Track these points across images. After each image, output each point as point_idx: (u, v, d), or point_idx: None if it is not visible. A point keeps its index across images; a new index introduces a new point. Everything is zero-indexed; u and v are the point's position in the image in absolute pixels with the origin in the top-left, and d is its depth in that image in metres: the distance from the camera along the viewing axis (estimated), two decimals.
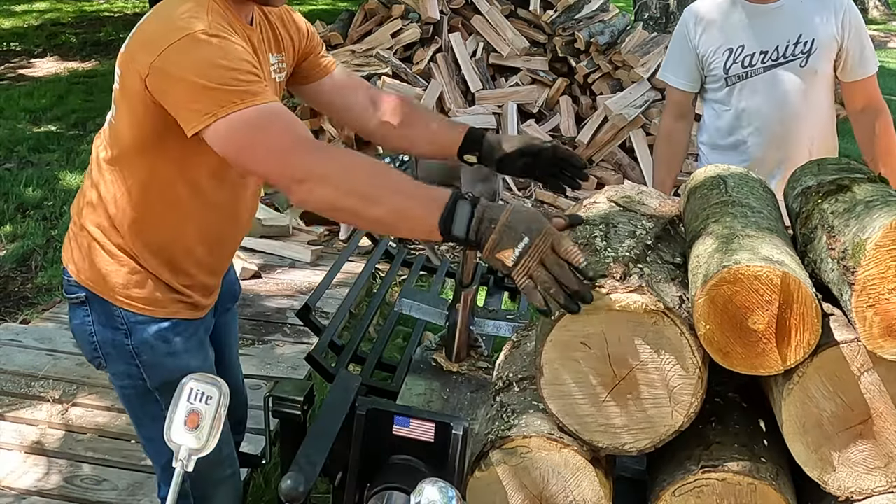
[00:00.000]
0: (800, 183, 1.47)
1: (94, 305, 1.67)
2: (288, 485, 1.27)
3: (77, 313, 1.71)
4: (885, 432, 1.16)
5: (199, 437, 1.16)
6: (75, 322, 1.72)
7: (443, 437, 1.34)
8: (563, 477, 1.25)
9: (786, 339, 1.14)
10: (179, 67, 1.40)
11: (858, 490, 1.18)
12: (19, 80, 8.84)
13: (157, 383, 1.68)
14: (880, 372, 1.14)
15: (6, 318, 3.89)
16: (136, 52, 1.49)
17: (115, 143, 1.59)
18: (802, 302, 1.13)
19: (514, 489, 1.27)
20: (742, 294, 1.14)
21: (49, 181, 5.63)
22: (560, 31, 5.53)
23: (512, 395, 1.40)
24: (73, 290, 1.69)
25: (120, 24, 12.15)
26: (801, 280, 1.13)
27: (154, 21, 1.51)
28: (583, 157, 1.74)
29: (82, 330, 1.70)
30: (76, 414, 2.94)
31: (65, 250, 1.74)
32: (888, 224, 1.09)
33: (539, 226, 1.25)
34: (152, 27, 1.50)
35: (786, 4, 2.41)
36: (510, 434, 1.28)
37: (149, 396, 1.69)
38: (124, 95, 1.53)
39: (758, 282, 1.13)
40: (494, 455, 1.27)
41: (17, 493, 2.57)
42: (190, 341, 1.71)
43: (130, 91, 1.50)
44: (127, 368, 1.68)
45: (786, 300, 1.13)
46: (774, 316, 1.14)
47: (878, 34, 14.34)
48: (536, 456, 1.25)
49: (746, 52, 2.44)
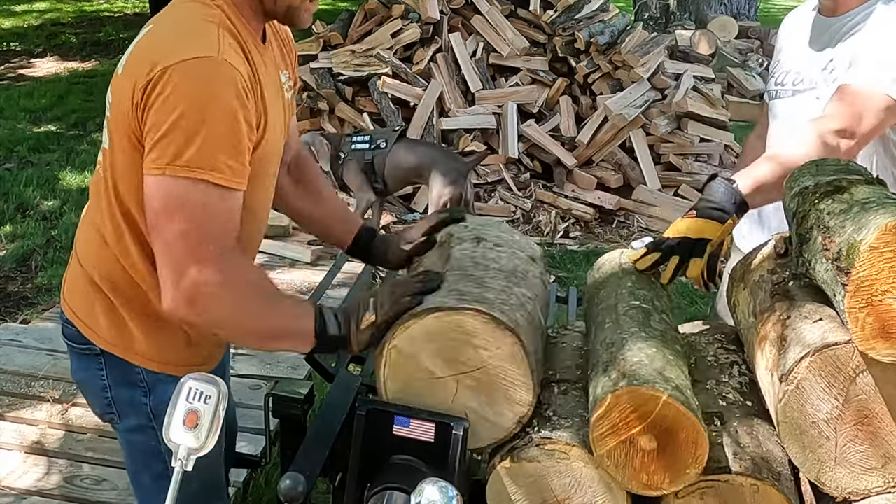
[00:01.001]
0: (797, 183, 1.47)
1: (108, 359, 1.52)
2: (288, 485, 1.28)
3: (86, 364, 1.55)
4: (882, 433, 1.16)
5: (198, 437, 1.16)
6: (84, 374, 1.57)
7: (443, 437, 1.33)
8: (594, 491, 1.25)
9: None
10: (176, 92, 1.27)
11: (856, 491, 1.19)
12: (19, 80, 8.84)
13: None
14: (875, 373, 1.15)
15: (6, 318, 3.89)
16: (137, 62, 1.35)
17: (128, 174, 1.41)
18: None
19: (539, 489, 1.27)
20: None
21: (49, 181, 5.63)
22: (560, 31, 5.53)
23: (552, 395, 1.39)
24: (83, 342, 1.53)
25: (120, 24, 12.15)
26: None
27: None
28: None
29: (94, 384, 1.55)
30: (76, 414, 2.94)
31: (69, 296, 1.57)
32: (883, 226, 1.09)
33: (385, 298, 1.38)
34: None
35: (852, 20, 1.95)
36: (553, 436, 1.28)
37: (157, 456, 1.55)
38: (117, 124, 1.39)
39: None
40: (531, 451, 1.27)
41: (17, 493, 2.58)
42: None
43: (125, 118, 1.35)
44: (140, 426, 1.55)
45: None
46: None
47: None
48: (573, 465, 1.25)
49: (783, 68, 2.11)
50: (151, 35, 1.40)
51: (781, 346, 1.24)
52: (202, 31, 1.33)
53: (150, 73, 1.29)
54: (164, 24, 1.41)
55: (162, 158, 1.28)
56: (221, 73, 1.29)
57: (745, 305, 1.47)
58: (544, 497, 1.26)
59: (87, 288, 1.52)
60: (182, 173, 1.27)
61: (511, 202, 5.17)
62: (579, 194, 5.26)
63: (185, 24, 1.36)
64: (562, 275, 4.43)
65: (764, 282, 1.44)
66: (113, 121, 1.40)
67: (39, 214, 5.13)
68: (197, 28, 1.34)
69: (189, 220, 1.29)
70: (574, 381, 1.43)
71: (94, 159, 5.60)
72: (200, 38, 1.31)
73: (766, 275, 1.45)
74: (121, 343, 1.51)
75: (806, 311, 1.26)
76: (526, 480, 1.26)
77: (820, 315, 1.24)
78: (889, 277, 1.09)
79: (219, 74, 1.29)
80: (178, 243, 1.29)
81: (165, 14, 1.42)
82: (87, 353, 1.54)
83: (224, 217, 1.32)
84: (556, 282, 4.19)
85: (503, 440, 1.33)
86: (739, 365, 1.47)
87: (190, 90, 1.27)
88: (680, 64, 5.93)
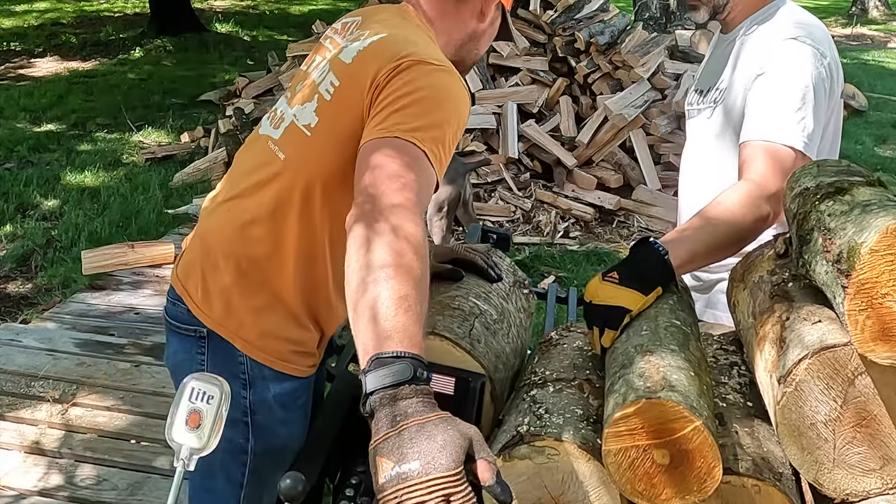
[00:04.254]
0: (798, 184, 1.47)
1: (213, 344, 1.51)
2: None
3: (186, 345, 1.54)
4: (881, 435, 1.16)
5: (201, 437, 1.17)
6: (181, 356, 1.55)
7: (462, 390, 1.43)
8: (586, 487, 1.25)
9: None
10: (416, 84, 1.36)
11: (854, 492, 1.19)
12: (19, 80, 8.85)
13: (259, 448, 1.53)
14: (874, 375, 1.15)
15: (6, 318, 3.90)
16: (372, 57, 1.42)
17: (307, 165, 1.45)
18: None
19: (534, 486, 1.27)
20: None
21: (49, 181, 5.64)
22: (560, 31, 5.54)
23: (546, 393, 1.40)
24: (189, 321, 1.52)
25: (120, 24, 12.16)
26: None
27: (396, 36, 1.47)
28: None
29: (190, 368, 1.46)
30: (76, 414, 2.95)
31: (184, 274, 1.56)
32: (884, 228, 1.09)
33: (444, 462, 0.95)
34: (400, 38, 1.46)
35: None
36: (543, 433, 1.28)
37: (239, 458, 1.53)
38: (335, 110, 1.43)
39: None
40: (522, 449, 1.27)
41: (17, 493, 2.58)
42: (301, 410, 1.58)
43: (348, 103, 1.41)
44: (232, 420, 1.43)
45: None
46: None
47: (878, 34, 14.35)
48: (564, 460, 1.25)
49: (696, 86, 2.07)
50: (393, 34, 1.47)
51: (780, 347, 1.24)
52: (438, 51, 1.47)
53: (399, 60, 1.38)
54: (401, 29, 1.50)
55: (401, 126, 1.31)
56: (458, 83, 1.43)
57: (745, 306, 1.48)
58: (538, 495, 1.27)
59: (207, 268, 1.51)
60: (412, 139, 1.30)
61: (511, 202, 5.17)
62: (579, 194, 5.27)
63: (425, 40, 1.49)
64: (562, 275, 4.44)
65: (763, 282, 1.44)
66: (332, 104, 1.44)
67: (39, 214, 5.13)
68: (435, 48, 1.48)
69: (414, 174, 1.27)
70: (570, 380, 1.43)
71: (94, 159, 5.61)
72: (439, 54, 1.46)
73: (766, 275, 1.45)
74: (231, 326, 1.50)
75: (805, 312, 1.26)
76: (519, 479, 1.26)
77: (819, 317, 1.24)
78: (889, 280, 1.09)
79: (456, 83, 1.42)
80: (400, 174, 1.25)
81: (399, 23, 1.53)
82: (191, 335, 1.52)
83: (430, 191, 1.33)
84: (556, 282, 4.19)
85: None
86: (739, 366, 1.47)
87: (430, 83, 1.37)
88: (680, 64, 5.94)
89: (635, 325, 1.42)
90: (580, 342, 1.58)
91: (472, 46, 1.62)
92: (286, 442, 1.54)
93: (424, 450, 0.95)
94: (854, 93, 8.41)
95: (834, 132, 1.92)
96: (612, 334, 1.43)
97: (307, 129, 1.46)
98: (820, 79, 1.77)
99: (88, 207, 5.22)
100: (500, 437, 1.35)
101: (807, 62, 1.77)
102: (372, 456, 0.98)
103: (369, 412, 1.02)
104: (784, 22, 1.85)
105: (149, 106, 7.92)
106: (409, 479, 0.93)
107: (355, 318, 1.12)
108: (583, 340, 1.58)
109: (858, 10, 15.69)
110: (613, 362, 1.35)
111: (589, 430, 1.29)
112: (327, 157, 1.43)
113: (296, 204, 1.45)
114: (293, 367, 1.52)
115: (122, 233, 4.92)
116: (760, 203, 1.67)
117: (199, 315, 1.51)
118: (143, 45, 10.69)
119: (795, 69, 1.76)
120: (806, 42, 1.79)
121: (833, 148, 1.94)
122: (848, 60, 11.12)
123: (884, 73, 10.81)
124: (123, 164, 6.21)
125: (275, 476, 1.56)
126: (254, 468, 1.55)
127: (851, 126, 7.86)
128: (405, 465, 0.94)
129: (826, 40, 1.84)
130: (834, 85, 1.83)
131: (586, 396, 1.38)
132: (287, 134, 1.49)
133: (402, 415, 0.99)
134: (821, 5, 16.38)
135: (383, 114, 1.34)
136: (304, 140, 1.46)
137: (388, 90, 1.36)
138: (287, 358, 1.52)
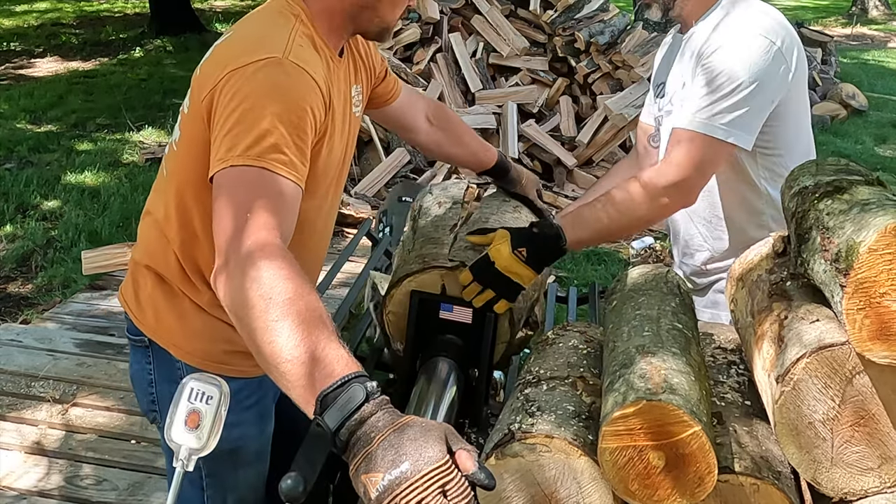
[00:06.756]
0: (797, 182, 1.47)
1: (155, 352, 1.55)
2: (288, 485, 1.28)
3: (137, 356, 1.60)
4: (878, 434, 1.16)
5: (200, 437, 1.17)
6: (135, 367, 1.61)
7: (479, 319, 1.64)
8: (578, 483, 1.25)
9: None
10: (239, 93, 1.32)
11: (852, 491, 1.19)
12: (19, 80, 8.85)
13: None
14: (872, 374, 1.15)
15: (6, 318, 3.90)
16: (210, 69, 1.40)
17: (192, 168, 1.44)
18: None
19: (527, 483, 1.27)
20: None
21: (49, 181, 5.64)
22: (560, 31, 5.54)
23: (539, 391, 1.40)
24: (135, 332, 1.58)
25: (120, 24, 12.16)
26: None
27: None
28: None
29: (141, 378, 1.59)
30: (76, 414, 2.95)
31: (124, 285, 1.64)
32: (883, 228, 1.09)
33: (431, 455, 0.95)
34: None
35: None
36: (533, 430, 1.28)
37: (194, 472, 1.46)
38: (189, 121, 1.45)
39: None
40: (514, 446, 1.27)
41: (17, 493, 2.59)
42: (251, 410, 1.58)
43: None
44: None
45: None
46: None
47: (878, 34, 14.35)
48: (556, 457, 1.25)
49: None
50: (234, 35, 1.47)
51: (779, 346, 1.25)
52: (279, 37, 1.37)
53: (223, 74, 1.34)
54: (249, 22, 1.48)
55: (231, 151, 1.28)
56: (284, 69, 1.33)
57: (743, 305, 1.48)
58: (532, 492, 1.27)
59: (137, 280, 1.58)
60: (248, 161, 1.27)
61: None
62: (579, 194, 5.27)
63: (273, 25, 1.42)
64: (562, 275, 4.44)
65: (762, 281, 1.44)
66: (188, 116, 1.46)
67: (39, 214, 5.14)
68: (280, 34, 1.39)
69: (261, 198, 1.25)
70: (563, 378, 1.43)
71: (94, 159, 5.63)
72: (278, 40, 1.37)
73: (765, 274, 1.45)
74: (163, 333, 1.54)
75: (803, 311, 1.26)
76: (512, 477, 1.26)
77: (817, 315, 1.24)
78: (888, 279, 1.09)
79: (280, 72, 1.33)
80: (238, 219, 1.23)
81: (244, 21, 1.49)
82: (139, 346, 1.58)
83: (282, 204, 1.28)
84: (556, 281, 4.19)
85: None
86: (737, 365, 1.47)
87: (252, 88, 1.31)
88: None
89: (637, 325, 1.43)
90: (576, 340, 1.58)
91: (371, 14, 1.49)
92: (239, 444, 1.55)
93: (409, 450, 0.95)
94: (854, 93, 8.41)
95: (796, 116, 1.92)
96: (506, 304, 1.64)
97: (175, 143, 1.51)
98: (764, 66, 1.76)
99: (88, 207, 5.23)
100: (493, 435, 1.35)
101: (747, 51, 1.77)
102: (355, 481, 0.98)
103: (342, 447, 1.01)
104: (733, 14, 1.85)
105: (149, 106, 7.92)
106: (403, 482, 0.94)
107: (276, 377, 1.10)
108: (578, 339, 1.58)
109: (858, 10, 15.69)
110: (613, 361, 1.35)
111: (581, 426, 1.29)
112: (190, 166, 1.45)
113: (176, 212, 1.50)
114: (231, 367, 1.50)
115: (122, 233, 4.92)
116: (664, 193, 1.76)
117: (139, 325, 1.57)
118: (143, 45, 10.70)
119: (732, 59, 1.77)
120: (751, 31, 1.79)
121: (798, 133, 1.94)
122: (848, 60, 11.12)
123: (884, 72, 10.82)
124: (123, 164, 6.21)
125: (236, 476, 1.60)
126: (209, 472, 1.58)
127: (851, 126, 7.86)
128: (395, 469, 0.94)
129: (776, 29, 1.81)
130: (786, 71, 1.80)
131: (579, 394, 1.38)
132: (168, 151, 1.55)
133: (374, 430, 0.98)
134: (821, 5, 16.39)
135: (217, 142, 1.31)
136: (174, 154, 1.51)
137: (217, 110, 1.34)
138: (222, 359, 1.52)
